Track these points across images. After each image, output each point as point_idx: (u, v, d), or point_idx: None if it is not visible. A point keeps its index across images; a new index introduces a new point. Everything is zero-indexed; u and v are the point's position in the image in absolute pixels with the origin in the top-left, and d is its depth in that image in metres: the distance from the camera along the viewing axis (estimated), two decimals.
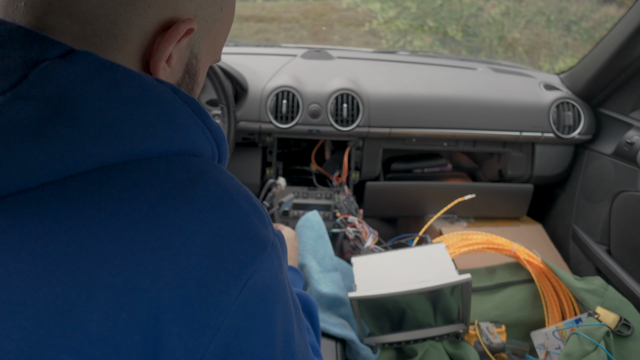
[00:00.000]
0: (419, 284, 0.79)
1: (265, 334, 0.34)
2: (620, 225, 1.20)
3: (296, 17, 4.16)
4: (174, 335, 0.29)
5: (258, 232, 0.34)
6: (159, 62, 0.36)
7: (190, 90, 0.42)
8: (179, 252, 0.30)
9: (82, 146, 0.30)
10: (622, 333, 0.87)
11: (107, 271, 0.28)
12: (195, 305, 0.30)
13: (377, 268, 0.86)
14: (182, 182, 0.33)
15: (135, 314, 0.28)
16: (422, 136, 1.33)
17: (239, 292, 0.32)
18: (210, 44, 0.42)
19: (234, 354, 0.32)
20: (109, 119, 0.31)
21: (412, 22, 4.15)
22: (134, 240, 0.29)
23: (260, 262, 0.33)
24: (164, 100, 0.34)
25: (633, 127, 1.21)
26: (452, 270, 0.83)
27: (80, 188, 0.30)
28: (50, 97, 0.29)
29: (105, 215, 0.29)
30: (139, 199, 0.31)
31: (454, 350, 0.88)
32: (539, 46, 4.09)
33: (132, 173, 0.31)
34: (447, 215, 1.47)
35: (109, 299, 0.28)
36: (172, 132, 0.34)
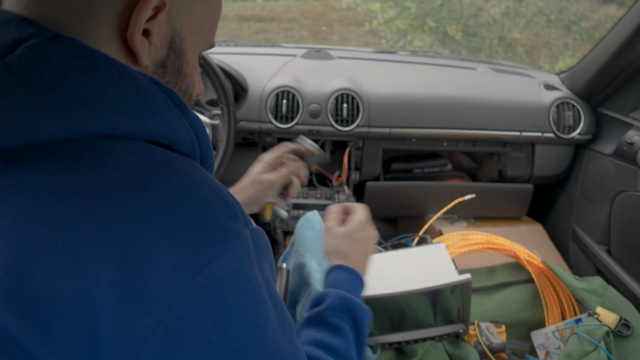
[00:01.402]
0: (419, 284, 0.79)
1: (221, 323, 0.33)
2: (620, 225, 1.20)
3: (296, 17, 4.17)
4: (113, 313, 0.29)
5: (221, 222, 0.34)
6: (133, 35, 0.37)
7: (178, 68, 0.43)
8: (132, 232, 0.31)
9: (59, 114, 0.32)
10: (622, 333, 0.87)
11: (61, 237, 0.29)
12: (139, 287, 0.30)
13: (377, 268, 0.86)
14: (151, 168, 0.34)
15: (77, 284, 0.29)
16: (422, 136, 1.33)
17: (192, 277, 0.31)
18: (195, 25, 0.43)
19: (184, 340, 0.31)
20: (86, 93, 0.33)
21: (412, 22, 4.15)
22: (92, 214, 0.30)
23: (220, 251, 0.33)
24: (141, 86, 0.36)
25: (633, 127, 1.21)
26: (452, 270, 0.83)
27: (52, 155, 0.32)
28: (33, 70, 0.32)
29: (71, 185, 0.31)
30: (105, 176, 0.32)
31: (454, 350, 0.88)
32: (539, 46, 4.09)
33: (104, 150, 0.33)
34: (447, 215, 1.47)
35: (59, 265, 0.29)
36: (147, 114, 0.36)
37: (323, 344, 0.53)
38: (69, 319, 0.29)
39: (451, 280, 0.79)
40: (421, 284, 0.79)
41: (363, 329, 0.57)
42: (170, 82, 0.44)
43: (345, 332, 0.55)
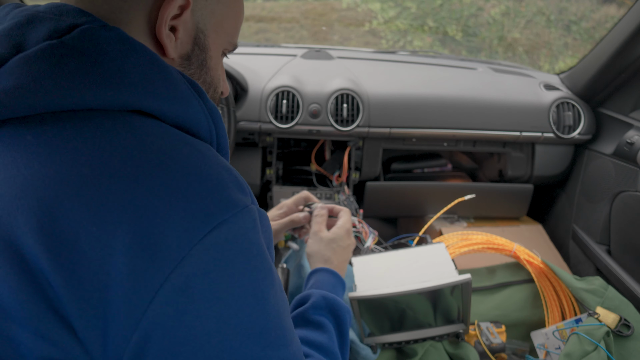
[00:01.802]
0: (419, 284, 0.79)
1: (227, 279, 0.36)
2: (620, 225, 1.20)
3: (296, 17, 4.16)
4: (128, 260, 0.33)
5: (231, 193, 0.38)
6: (161, 29, 0.43)
7: (202, 62, 0.49)
8: (151, 192, 0.35)
9: (100, 85, 0.37)
10: (622, 333, 0.87)
11: (90, 190, 0.34)
12: (157, 238, 0.33)
13: (377, 268, 0.86)
14: (172, 142, 0.39)
15: (100, 229, 0.33)
16: (422, 136, 1.33)
17: (203, 235, 0.35)
18: (218, 25, 0.49)
19: (195, 291, 0.34)
20: (123, 72, 0.39)
21: (412, 22, 4.15)
22: (117, 174, 0.35)
23: (229, 217, 0.36)
24: (170, 73, 0.42)
25: (633, 127, 1.21)
26: (452, 270, 0.82)
27: (90, 121, 0.37)
28: (83, 47, 0.38)
29: (102, 148, 0.36)
30: (132, 144, 0.37)
31: (454, 350, 0.88)
32: (539, 46, 4.09)
33: (134, 123, 0.38)
34: (447, 215, 1.47)
35: (86, 212, 0.33)
36: (173, 97, 0.41)
37: (308, 340, 0.56)
38: (89, 260, 0.32)
39: (451, 280, 0.79)
40: (421, 284, 0.79)
41: (345, 326, 0.61)
42: (195, 74, 0.49)
43: (329, 329, 0.58)
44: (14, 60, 0.37)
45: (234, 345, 0.36)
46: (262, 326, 0.39)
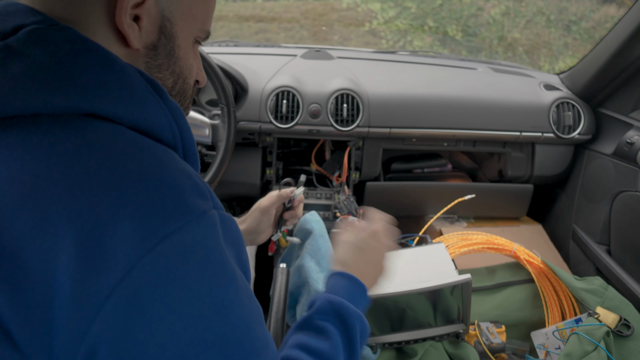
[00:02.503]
0: (419, 284, 0.79)
1: (181, 290, 0.34)
2: (620, 225, 1.20)
3: (296, 17, 4.16)
4: (73, 272, 0.31)
5: (186, 199, 0.36)
6: (121, 19, 0.41)
7: (170, 51, 0.46)
8: (99, 199, 0.33)
9: (48, 90, 0.36)
10: (622, 333, 0.87)
11: (33, 198, 0.32)
12: (103, 247, 0.32)
13: None
14: (124, 147, 0.37)
15: (45, 241, 0.31)
16: (422, 136, 1.33)
17: (154, 245, 0.33)
18: (186, 12, 0.46)
19: (144, 303, 0.32)
20: (73, 74, 0.37)
21: (412, 22, 4.15)
22: (63, 180, 0.33)
23: (184, 224, 0.35)
24: (125, 72, 0.40)
25: (633, 127, 1.21)
26: (452, 270, 0.82)
27: (37, 126, 0.35)
28: (29, 50, 0.36)
29: (49, 154, 0.34)
30: (81, 150, 0.35)
31: (454, 350, 0.88)
32: (539, 46, 4.09)
33: (85, 127, 0.36)
34: (447, 215, 1.47)
35: (28, 223, 0.32)
36: (127, 98, 0.39)
37: (307, 347, 0.51)
38: (33, 274, 0.31)
39: (451, 280, 0.79)
40: (421, 284, 0.79)
41: (353, 333, 0.55)
42: (163, 65, 0.46)
43: (332, 336, 0.53)
44: None
45: (191, 353, 0.34)
46: (225, 338, 0.36)
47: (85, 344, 0.31)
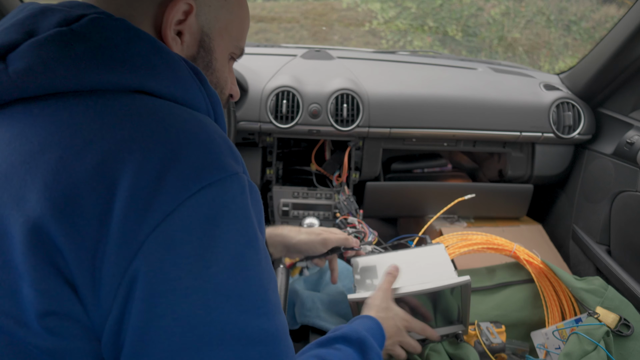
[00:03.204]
0: (418, 286, 0.79)
1: (209, 238, 0.37)
2: (620, 225, 1.20)
3: (296, 17, 4.16)
4: (124, 210, 0.35)
5: (224, 159, 0.40)
6: (167, 32, 0.47)
7: (207, 63, 0.52)
8: (146, 150, 0.37)
9: (105, 68, 0.41)
10: (622, 333, 0.87)
11: (94, 147, 0.37)
12: (149, 191, 0.36)
13: (376, 269, 0.86)
14: (170, 111, 0.41)
15: (100, 183, 0.36)
16: (422, 136, 1.33)
17: (191, 193, 0.37)
18: (223, 29, 0.52)
19: (178, 245, 0.36)
20: (128, 56, 0.42)
21: (412, 22, 4.14)
22: (119, 133, 0.38)
23: (219, 179, 0.38)
24: (172, 58, 0.44)
25: (633, 127, 1.21)
26: (452, 271, 0.82)
27: (95, 97, 0.40)
28: (90, 33, 0.41)
29: (109, 114, 0.39)
30: (132, 111, 0.40)
31: (454, 351, 0.88)
32: (539, 46, 4.09)
33: (136, 99, 0.41)
34: (447, 216, 1.47)
35: (90, 166, 0.36)
36: (173, 80, 0.43)
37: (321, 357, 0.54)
38: (88, 213, 0.35)
39: (450, 282, 0.79)
40: (420, 285, 0.79)
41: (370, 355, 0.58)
42: None
43: (349, 356, 0.56)
44: (26, 45, 0.40)
45: (211, 305, 0.37)
46: (242, 292, 0.39)
47: (127, 276, 0.35)
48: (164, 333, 0.36)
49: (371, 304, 0.74)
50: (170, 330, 0.36)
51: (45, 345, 0.36)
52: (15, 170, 0.37)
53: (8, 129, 0.39)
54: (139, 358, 0.36)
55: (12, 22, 0.42)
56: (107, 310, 0.36)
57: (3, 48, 0.40)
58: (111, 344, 0.37)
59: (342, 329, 0.62)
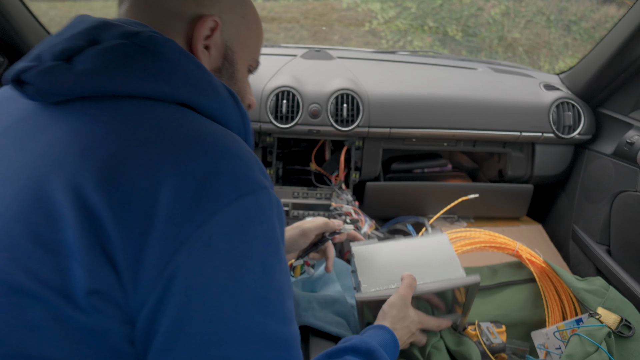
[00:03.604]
0: (428, 286, 0.77)
1: (242, 244, 0.41)
2: (620, 225, 1.20)
3: (296, 17, 4.16)
4: (168, 211, 0.39)
5: (256, 174, 0.44)
6: (197, 46, 0.53)
7: (231, 74, 0.58)
8: (191, 160, 0.41)
9: (157, 79, 0.46)
10: (623, 334, 0.87)
11: (145, 150, 0.41)
12: (192, 197, 0.40)
13: (379, 261, 0.84)
14: (211, 127, 0.46)
15: (149, 183, 0.40)
16: (422, 136, 1.33)
17: (229, 201, 0.41)
18: (242, 43, 0.59)
19: (215, 248, 0.40)
20: (178, 72, 0.47)
21: (412, 22, 4.14)
22: (166, 140, 0.42)
23: (252, 191, 0.43)
24: (212, 78, 0.50)
25: (633, 127, 1.21)
26: (459, 268, 0.81)
27: (144, 105, 0.45)
28: (149, 49, 0.46)
29: (157, 120, 0.44)
30: (179, 122, 0.45)
31: (455, 347, 0.88)
32: (539, 46, 4.09)
33: (182, 111, 0.46)
34: (447, 216, 1.47)
35: (142, 168, 0.40)
36: (214, 97, 0.49)
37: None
38: (138, 207, 0.39)
39: (462, 282, 0.78)
40: (430, 285, 0.77)
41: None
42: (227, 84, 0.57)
43: None
44: (91, 50, 0.45)
45: (239, 304, 0.40)
46: (265, 296, 0.42)
47: (168, 270, 0.38)
48: (196, 326, 0.39)
49: (388, 312, 0.73)
50: (202, 324, 0.39)
51: (88, 322, 0.39)
52: (71, 158, 0.41)
53: (68, 122, 0.44)
54: (171, 347, 0.39)
55: (76, 32, 0.47)
56: (144, 298, 0.39)
57: (70, 51, 0.45)
58: (144, 330, 0.40)
59: (353, 339, 0.62)
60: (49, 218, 0.39)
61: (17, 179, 0.41)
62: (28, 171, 0.42)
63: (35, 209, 0.40)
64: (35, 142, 0.44)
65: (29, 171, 0.42)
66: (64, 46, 0.45)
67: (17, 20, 1.19)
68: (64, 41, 0.46)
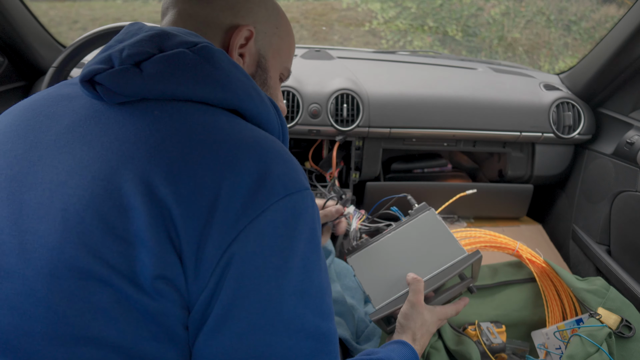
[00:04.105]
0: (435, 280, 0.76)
1: (288, 239, 0.45)
2: (620, 225, 1.20)
3: (296, 17, 4.16)
4: (228, 204, 0.42)
5: (300, 176, 0.48)
6: (232, 53, 0.57)
7: (264, 80, 0.62)
8: (245, 161, 0.45)
9: (212, 87, 0.49)
10: (624, 334, 0.87)
11: (206, 150, 0.45)
12: (248, 192, 0.43)
13: (379, 265, 0.82)
14: (261, 133, 0.50)
15: (212, 179, 0.43)
16: (422, 136, 1.33)
17: (279, 198, 0.44)
18: (275, 52, 0.62)
19: (265, 239, 0.43)
20: (230, 80, 0.50)
21: (412, 22, 4.14)
22: (224, 143, 0.46)
23: (299, 191, 0.46)
24: (257, 87, 0.54)
25: (633, 127, 1.21)
26: (456, 244, 0.80)
27: (203, 110, 0.49)
28: (206, 58, 0.50)
29: (214, 123, 0.48)
30: (233, 127, 0.48)
31: (455, 347, 0.88)
32: (539, 46, 4.09)
33: (234, 118, 0.50)
34: (447, 216, 1.47)
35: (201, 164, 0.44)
36: (260, 104, 0.52)
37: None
38: (202, 201, 0.42)
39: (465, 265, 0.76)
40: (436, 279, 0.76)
41: None
42: None
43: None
44: (158, 57, 0.48)
45: (284, 294, 0.44)
46: (306, 290, 0.45)
47: (224, 258, 0.42)
48: (245, 311, 0.42)
49: (405, 325, 0.71)
50: (250, 310, 0.42)
51: (151, 305, 0.41)
52: (140, 153, 0.44)
53: (134, 122, 0.47)
54: (219, 330, 0.42)
55: (140, 39, 0.50)
56: (203, 284, 0.42)
57: (138, 56, 0.48)
58: (199, 315, 0.43)
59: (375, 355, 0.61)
60: (120, 208, 0.42)
61: (87, 172, 0.44)
62: (98, 164, 0.44)
63: (106, 199, 0.42)
64: (103, 138, 0.46)
65: (99, 164, 0.44)
66: (130, 51, 0.49)
67: (17, 20, 1.19)
68: (130, 46, 0.49)
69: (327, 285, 0.49)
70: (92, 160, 0.45)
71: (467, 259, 0.77)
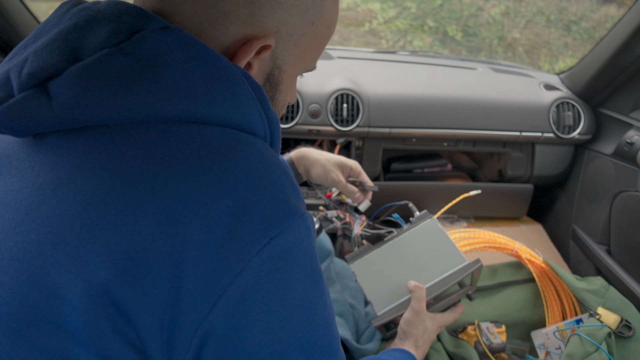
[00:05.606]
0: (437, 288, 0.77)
1: (279, 292, 0.36)
2: (620, 225, 1.20)
3: None
4: (196, 270, 0.33)
5: (289, 200, 0.38)
6: (238, 62, 0.42)
7: (272, 97, 0.48)
8: (213, 203, 0.34)
9: (158, 99, 0.36)
10: (624, 334, 0.87)
11: (154, 201, 0.34)
12: (220, 249, 0.33)
13: (382, 272, 0.83)
14: (229, 144, 0.38)
15: (168, 243, 0.33)
16: (422, 136, 1.33)
17: (261, 247, 0.35)
18: (299, 56, 0.47)
19: (249, 303, 0.34)
20: (184, 83, 0.37)
21: (412, 22, 4.14)
22: (180, 182, 0.34)
23: (287, 226, 0.36)
24: (233, 80, 0.39)
25: (633, 127, 1.21)
26: (457, 252, 0.80)
27: (146, 133, 0.36)
28: (143, 56, 0.36)
29: (162, 158, 0.35)
30: (191, 151, 0.36)
31: (454, 349, 0.88)
32: (539, 46, 4.09)
33: (192, 132, 0.37)
34: (447, 216, 1.47)
35: (153, 225, 0.33)
36: (232, 106, 0.39)
37: None
38: (157, 275, 0.32)
39: (465, 273, 0.77)
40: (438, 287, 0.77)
41: None
42: None
43: None
44: (71, 71, 0.35)
45: (281, 351, 0.37)
46: (309, 337, 0.38)
47: (199, 333, 0.33)
48: None
49: (408, 331, 0.71)
50: None
51: None
52: (68, 225, 0.33)
53: (54, 163, 0.35)
54: None
55: (54, 37, 0.37)
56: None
57: (44, 72, 0.35)
58: None
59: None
60: (49, 296, 0.33)
61: (4, 249, 0.34)
62: (16, 237, 0.34)
63: (31, 287, 0.33)
64: (17, 195, 0.35)
65: (18, 237, 0.34)
66: (32, 66, 0.35)
67: (17, 20, 1.19)
68: (34, 56, 0.36)
69: (330, 314, 0.42)
70: (7, 230, 0.34)
71: (468, 267, 0.78)
